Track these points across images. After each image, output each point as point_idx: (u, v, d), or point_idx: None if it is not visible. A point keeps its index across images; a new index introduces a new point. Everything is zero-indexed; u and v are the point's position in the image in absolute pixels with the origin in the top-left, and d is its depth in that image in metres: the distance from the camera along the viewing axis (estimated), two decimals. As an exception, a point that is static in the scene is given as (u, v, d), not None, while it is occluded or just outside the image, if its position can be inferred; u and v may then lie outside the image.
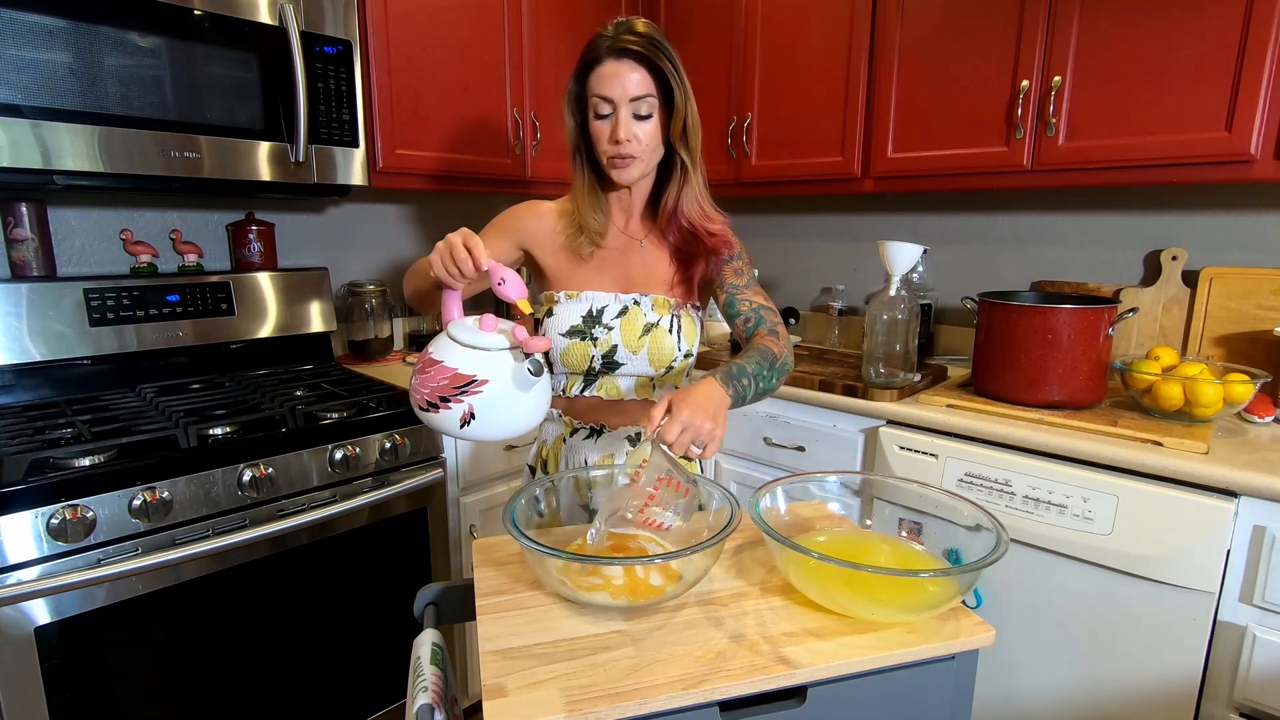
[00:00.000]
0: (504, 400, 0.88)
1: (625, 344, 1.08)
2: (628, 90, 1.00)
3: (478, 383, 0.86)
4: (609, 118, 1.02)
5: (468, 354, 0.87)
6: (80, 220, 1.62)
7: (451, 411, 0.86)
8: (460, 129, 1.86)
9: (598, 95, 1.01)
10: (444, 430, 0.90)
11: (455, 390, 0.86)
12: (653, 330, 1.08)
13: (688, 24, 2.16)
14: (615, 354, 1.09)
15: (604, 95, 1.01)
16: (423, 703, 0.71)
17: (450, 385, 0.86)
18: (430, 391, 0.87)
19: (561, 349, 1.08)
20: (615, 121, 1.01)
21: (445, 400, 0.86)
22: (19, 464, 1.13)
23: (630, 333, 1.08)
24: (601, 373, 1.11)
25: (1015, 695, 1.42)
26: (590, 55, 1.01)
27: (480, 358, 0.87)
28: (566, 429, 1.15)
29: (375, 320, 1.97)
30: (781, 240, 2.41)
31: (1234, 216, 1.59)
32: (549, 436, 1.18)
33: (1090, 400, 1.43)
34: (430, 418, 0.88)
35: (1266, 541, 1.13)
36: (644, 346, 1.08)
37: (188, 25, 1.37)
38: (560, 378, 1.15)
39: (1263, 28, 1.27)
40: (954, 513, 0.83)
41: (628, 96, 1.00)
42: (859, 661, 0.69)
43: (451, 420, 0.87)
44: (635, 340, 1.08)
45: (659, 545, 0.86)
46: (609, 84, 1.00)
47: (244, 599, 1.31)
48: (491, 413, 0.87)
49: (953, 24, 1.63)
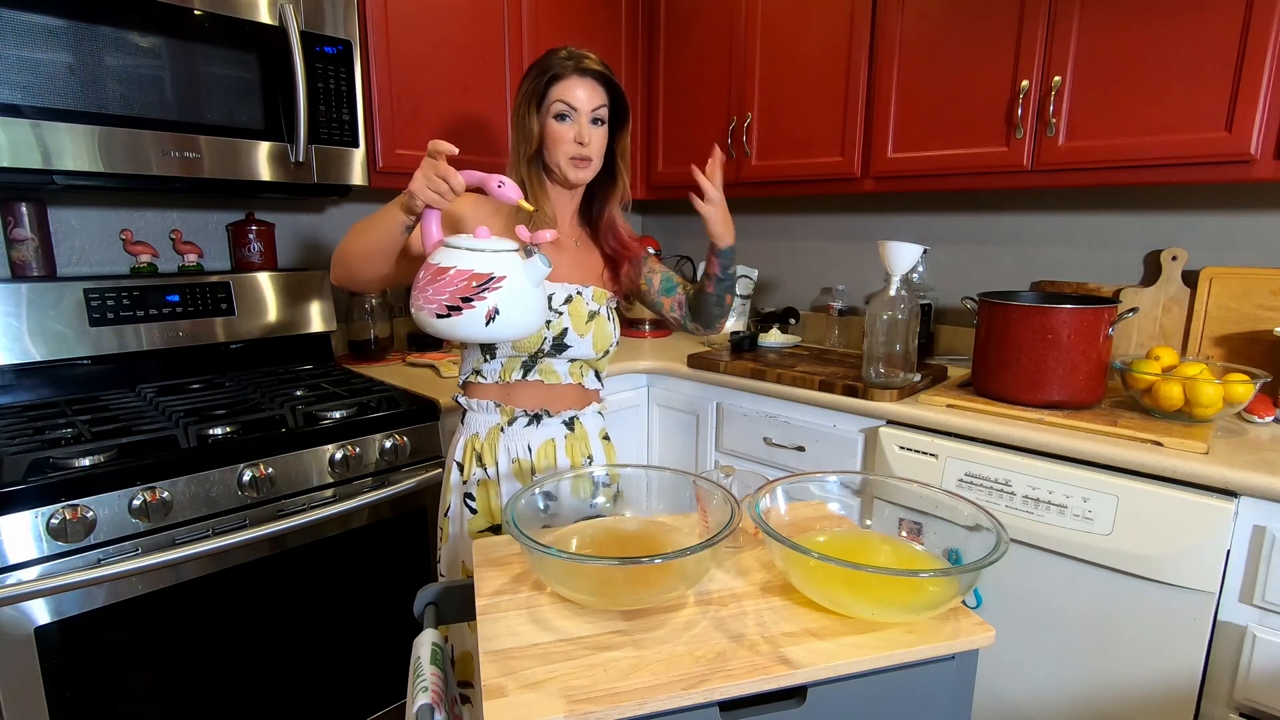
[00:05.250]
0: (522, 295, 0.92)
1: (574, 328, 1.18)
2: (590, 101, 1.14)
3: (496, 279, 0.90)
4: (570, 121, 1.14)
5: (480, 255, 0.91)
6: (80, 220, 1.62)
7: (475, 310, 0.89)
8: (460, 129, 1.86)
9: (562, 100, 1.13)
10: (465, 334, 0.92)
11: (477, 288, 0.89)
12: (596, 317, 1.20)
13: (688, 24, 2.16)
14: (565, 336, 1.17)
15: (568, 101, 1.13)
16: (423, 703, 0.71)
17: (470, 285, 0.89)
18: (450, 295, 0.89)
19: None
20: (578, 126, 1.13)
21: (468, 300, 0.89)
22: (19, 464, 1.13)
23: (578, 318, 1.18)
24: (547, 355, 1.18)
25: (1015, 695, 1.42)
26: (555, 71, 1.13)
27: (494, 257, 0.91)
28: (505, 417, 1.19)
29: (375, 320, 1.97)
30: (781, 240, 2.41)
31: (1234, 216, 1.59)
32: (481, 428, 1.20)
33: (1090, 400, 1.43)
34: (451, 322, 0.90)
35: (1266, 541, 1.13)
36: (589, 331, 1.19)
37: (188, 25, 1.37)
38: (497, 365, 1.18)
39: (1263, 28, 1.27)
40: (954, 513, 0.83)
41: (589, 105, 1.14)
42: (859, 661, 0.69)
43: (476, 320, 0.90)
44: (583, 325, 1.19)
45: (664, 545, 0.86)
46: (573, 94, 1.13)
47: (244, 599, 1.31)
48: (513, 307, 0.91)
49: (953, 24, 1.63)
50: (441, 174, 0.94)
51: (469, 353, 1.22)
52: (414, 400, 1.56)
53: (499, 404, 1.20)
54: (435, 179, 0.95)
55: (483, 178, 0.98)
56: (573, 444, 1.24)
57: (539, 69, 1.15)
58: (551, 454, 1.22)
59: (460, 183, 0.95)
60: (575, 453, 1.24)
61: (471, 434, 1.21)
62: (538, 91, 1.14)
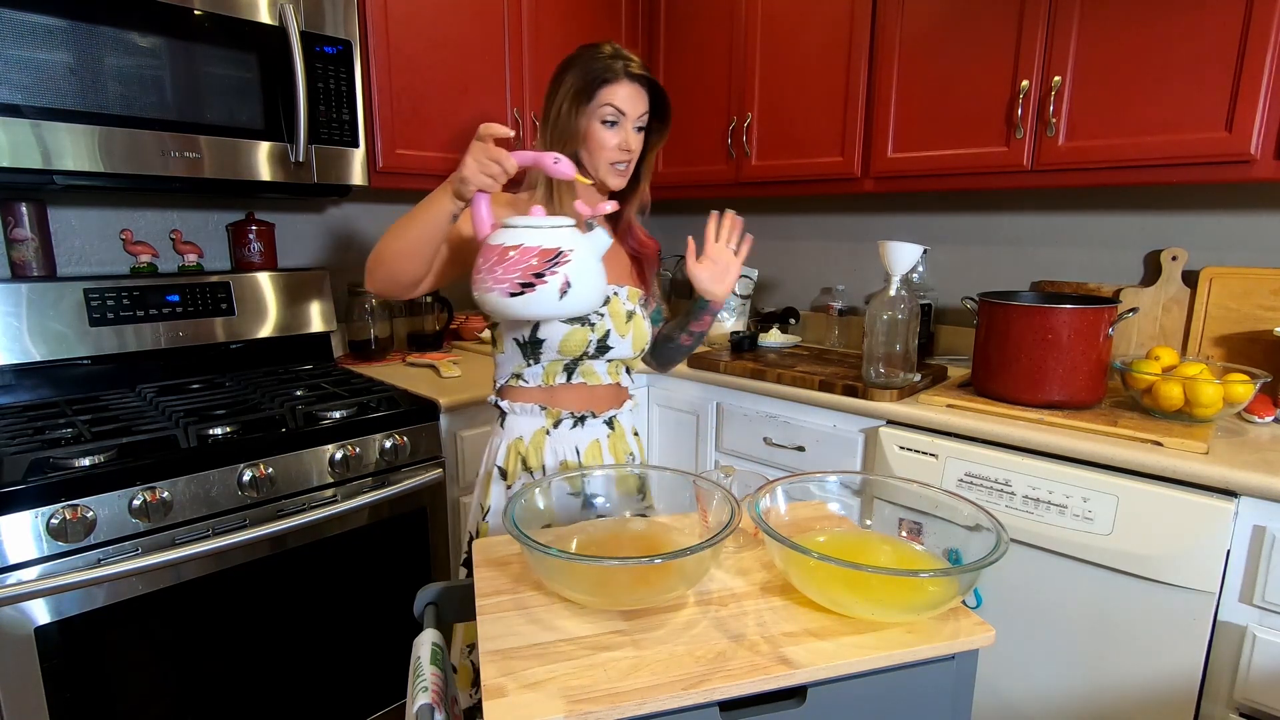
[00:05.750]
0: (590, 267, 0.94)
1: (616, 329, 1.16)
2: (636, 108, 1.12)
3: (565, 252, 0.92)
4: (617, 127, 1.12)
5: (546, 231, 0.92)
6: (80, 220, 1.62)
7: (548, 285, 0.90)
8: (460, 129, 1.86)
9: (612, 105, 1.11)
10: (538, 310, 0.93)
11: (548, 264, 0.90)
12: (633, 317, 1.19)
13: (688, 24, 2.16)
14: (608, 338, 1.16)
15: (619, 106, 1.11)
16: (423, 703, 0.71)
17: (541, 261, 0.90)
18: (521, 273, 0.90)
19: (563, 335, 1.12)
20: (625, 133, 1.12)
21: (540, 276, 0.90)
22: (19, 464, 1.13)
23: (618, 319, 1.17)
24: (590, 358, 1.17)
25: (1015, 695, 1.42)
26: (606, 74, 1.10)
27: (558, 233, 0.93)
28: (550, 420, 1.18)
29: (375, 320, 1.97)
30: (781, 240, 2.41)
31: (1234, 216, 1.59)
32: (525, 431, 1.18)
33: (1090, 400, 1.43)
34: (524, 300, 0.91)
35: (1266, 541, 1.13)
36: (629, 331, 1.18)
37: (188, 25, 1.37)
38: (539, 370, 1.16)
39: (1263, 28, 1.27)
40: (954, 513, 0.83)
41: (636, 112, 1.13)
42: (859, 661, 0.69)
43: (549, 294, 0.91)
44: (624, 325, 1.17)
45: (665, 544, 0.86)
46: (624, 99, 1.11)
47: (244, 599, 1.31)
48: (583, 279, 0.93)
49: (953, 24, 1.63)
50: (494, 156, 0.93)
51: (506, 357, 1.19)
52: (414, 400, 1.56)
53: (544, 407, 1.18)
54: (488, 162, 0.93)
55: (536, 156, 0.98)
56: (614, 443, 1.24)
57: (585, 68, 1.11)
58: (598, 454, 1.21)
59: (513, 164, 0.94)
60: (618, 451, 1.24)
61: (514, 438, 1.18)
62: (586, 92, 1.11)
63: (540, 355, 1.15)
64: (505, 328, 1.16)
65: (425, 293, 1.11)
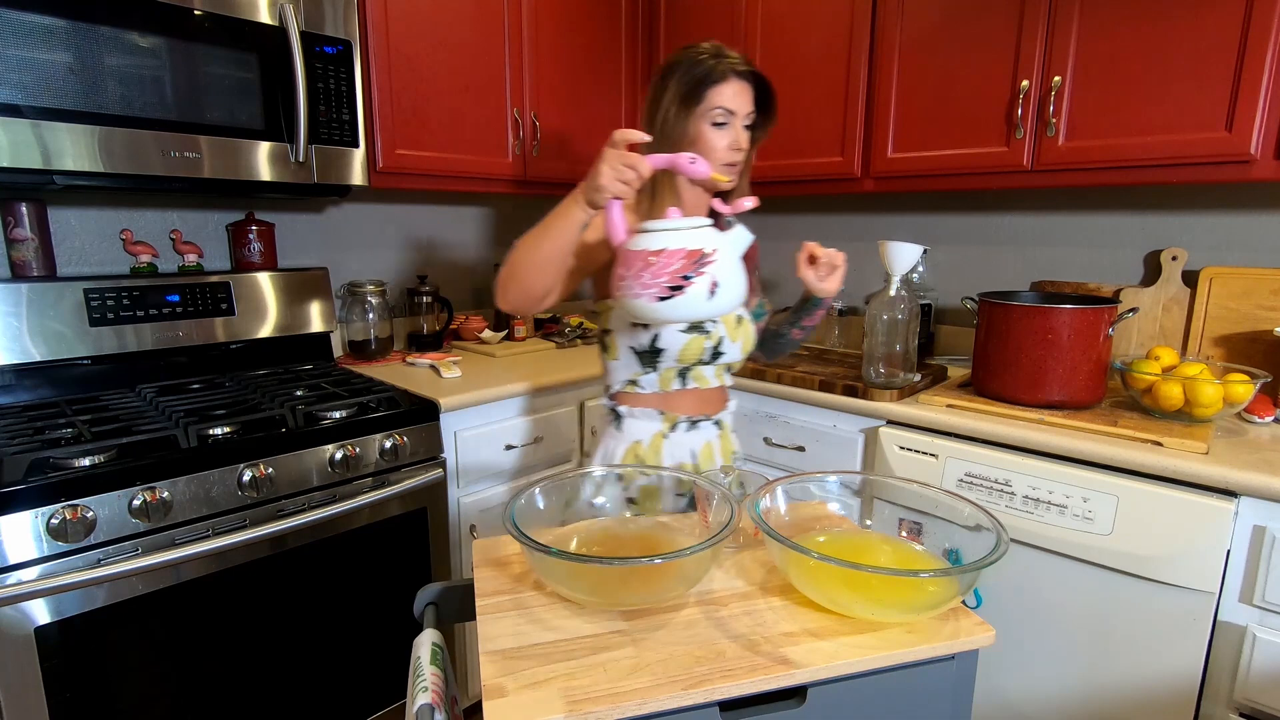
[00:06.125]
0: (734, 265, 0.94)
1: (728, 334, 1.18)
2: (744, 105, 1.11)
3: (709, 253, 0.91)
4: (726, 127, 1.11)
5: (690, 233, 0.92)
6: (80, 220, 1.62)
7: (697, 286, 0.90)
8: (460, 129, 1.86)
9: (722, 106, 1.10)
10: (687, 312, 0.92)
11: (696, 265, 0.90)
12: (741, 321, 1.20)
13: (688, 24, 2.16)
14: (721, 344, 1.17)
15: (728, 107, 1.10)
16: (423, 703, 0.71)
17: (690, 263, 0.90)
18: (670, 276, 0.90)
19: (682, 344, 1.13)
20: (734, 132, 1.12)
21: (688, 278, 0.90)
22: (19, 464, 1.13)
23: (730, 324, 1.18)
24: (704, 364, 1.18)
25: (1015, 695, 1.42)
26: (714, 74, 1.09)
27: (702, 233, 0.92)
28: (667, 424, 1.20)
29: (375, 320, 1.97)
30: (781, 240, 2.41)
31: (1234, 216, 1.59)
32: (643, 435, 1.19)
33: (1090, 400, 1.43)
34: (674, 303, 0.90)
35: (1266, 541, 1.13)
36: (740, 336, 1.20)
37: (188, 25, 1.37)
38: (655, 377, 1.18)
39: (1263, 28, 1.27)
40: (954, 513, 0.83)
41: (745, 110, 1.12)
42: (859, 661, 0.69)
43: (698, 295, 0.90)
44: (734, 330, 1.19)
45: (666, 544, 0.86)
46: (731, 98, 1.10)
47: (244, 599, 1.31)
48: (729, 278, 0.92)
49: (953, 24, 1.63)
50: (629, 162, 0.92)
51: (620, 364, 1.20)
52: (414, 400, 1.56)
53: (661, 412, 1.20)
54: (623, 168, 0.92)
55: (671, 159, 0.97)
56: (723, 442, 1.26)
57: (689, 70, 1.10)
58: (711, 456, 1.23)
59: (648, 168, 0.93)
60: (726, 451, 1.26)
61: (633, 441, 1.20)
62: (693, 95, 1.10)
63: (658, 363, 1.16)
64: (622, 336, 1.17)
65: (552, 304, 1.09)
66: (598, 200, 0.95)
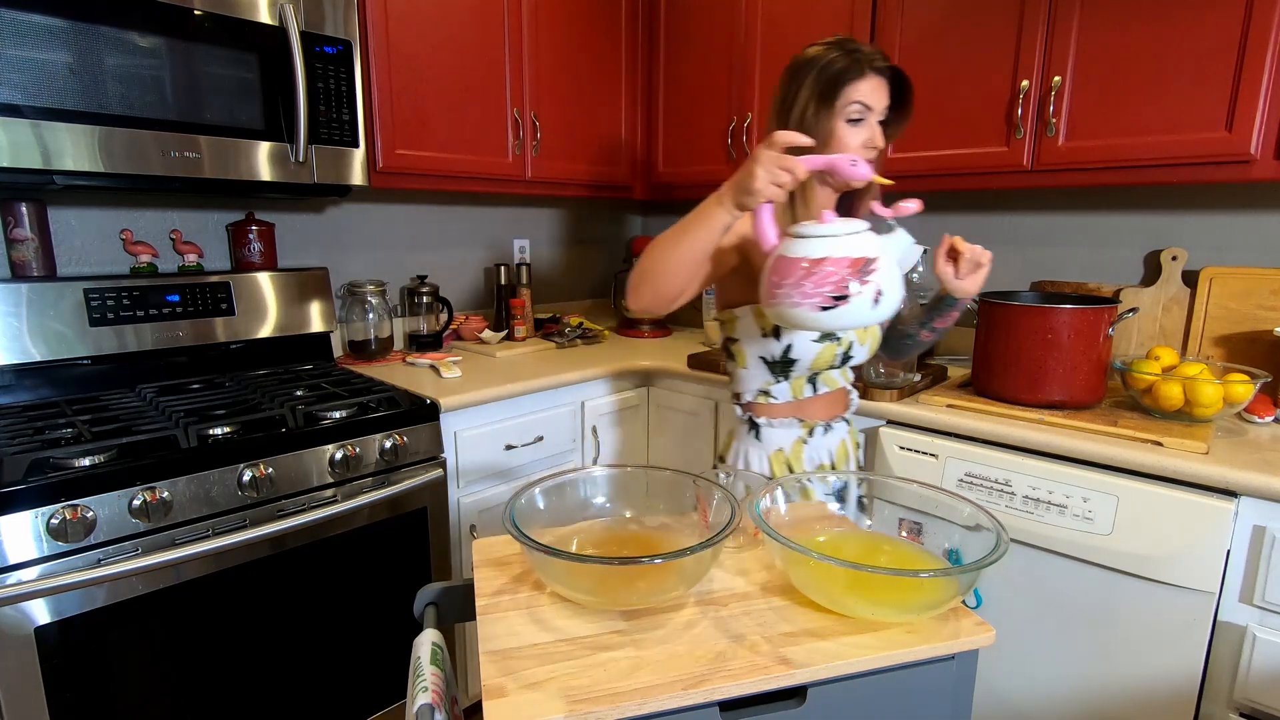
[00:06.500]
0: (894, 271, 0.89)
1: (858, 338, 1.18)
2: (880, 101, 1.09)
3: (873, 260, 0.87)
4: (862, 123, 1.09)
5: (853, 239, 0.87)
6: (80, 220, 1.62)
7: (863, 295, 0.86)
8: (460, 129, 1.86)
9: (860, 103, 1.08)
10: (851, 321, 0.87)
11: (860, 273, 0.86)
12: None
13: (688, 24, 2.16)
14: (851, 349, 1.17)
15: (866, 103, 1.08)
16: (423, 703, 0.71)
17: (854, 270, 0.86)
18: (834, 285, 0.86)
19: (815, 353, 1.14)
20: (871, 128, 1.10)
21: (853, 287, 0.86)
22: (19, 464, 1.13)
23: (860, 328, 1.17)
24: (835, 368, 1.19)
25: (1015, 695, 1.42)
26: (850, 71, 1.07)
27: (864, 239, 0.88)
28: (805, 430, 1.20)
29: (375, 320, 1.97)
30: (781, 240, 2.40)
31: (1234, 216, 1.59)
32: (784, 442, 1.20)
33: (1090, 400, 1.43)
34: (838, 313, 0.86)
35: (1266, 541, 1.13)
36: (868, 339, 1.20)
37: (188, 25, 1.37)
38: (786, 385, 1.18)
39: (1263, 28, 1.27)
40: (954, 513, 0.83)
41: (881, 105, 1.10)
42: (859, 661, 0.69)
43: (863, 304, 0.86)
44: (863, 333, 1.19)
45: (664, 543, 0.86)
46: (868, 94, 1.08)
47: (244, 599, 1.31)
48: (891, 285, 0.88)
49: (953, 24, 1.63)
50: (786, 165, 0.88)
51: (749, 374, 1.19)
52: (414, 400, 1.56)
53: (800, 419, 1.20)
54: (779, 171, 0.88)
55: (830, 160, 0.93)
56: (851, 436, 1.28)
57: (826, 67, 1.07)
58: (844, 455, 1.25)
59: (804, 171, 0.89)
60: (854, 445, 1.29)
61: (775, 449, 1.21)
62: (830, 92, 1.07)
63: (790, 372, 1.16)
64: (751, 345, 1.16)
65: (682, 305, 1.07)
66: (748, 204, 0.91)
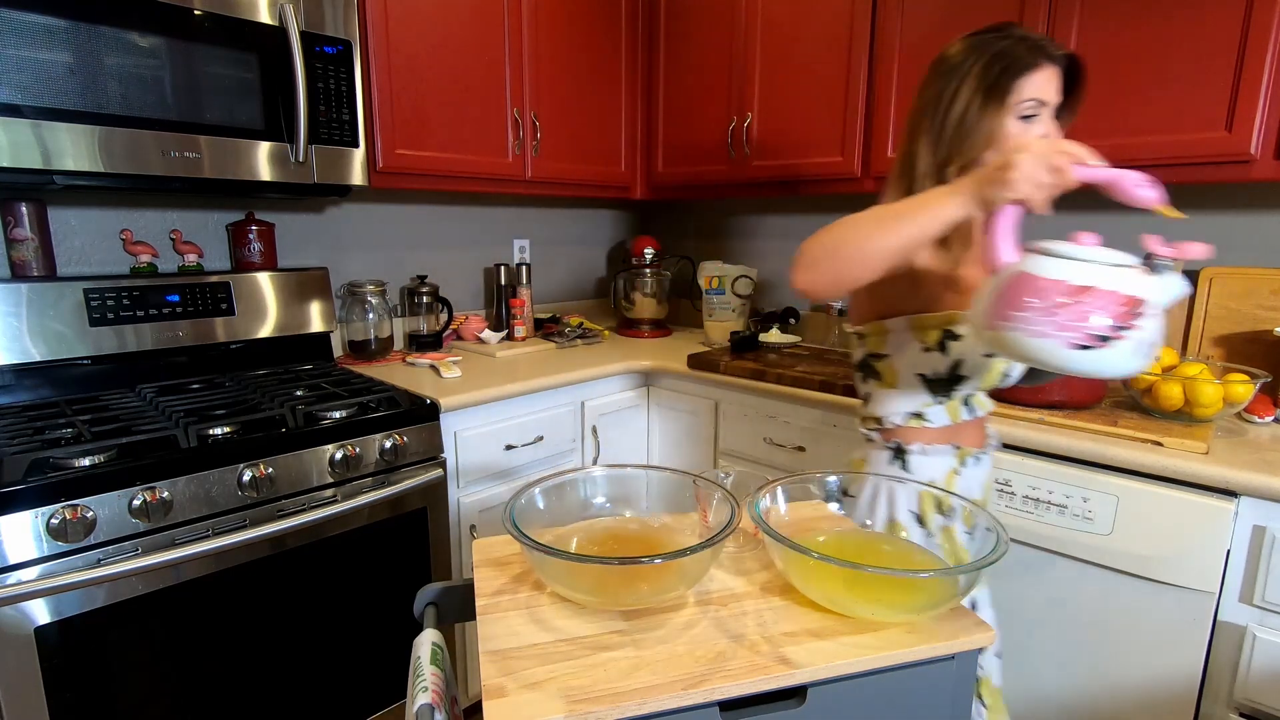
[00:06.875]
0: (1160, 319, 0.76)
1: None
2: (1054, 93, 0.97)
3: (1143, 303, 0.74)
4: (1035, 120, 0.97)
5: (1126, 275, 0.75)
6: (80, 220, 1.62)
7: (1128, 342, 0.73)
8: (460, 129, 1.86)
9: (1035, 99, 0.95)
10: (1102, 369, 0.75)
11: (1132, 316, 0.73)
12: None
13: (688, 24, 2.16)
14: (1012, 366, 1.04)
15: (1042, 99, 0.96)
16: (423, 703, 0.71)
17: (1127, 311, 0.73)
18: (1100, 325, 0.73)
19: (985, 369, 1.03)
20: (1046, 125, 0.97)
21: (1119, 330, 0.73)
22: (19, 464, 1.13)
23: None
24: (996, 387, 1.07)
25: (1015, 695, 1.42)
26: (1025, 63, 0.94)
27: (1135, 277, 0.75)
28: (958, 460, 1.06)
29: (375, 320, 1.97)
30: (781, 240, 2.40)
31: (1234, 216, 1.59)
32: (936, 473, 1.06)
33: (1090, 400, 1.43)
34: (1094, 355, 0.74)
35: (1266, 541, 1.13)
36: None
37: (188, 25, 1.37)
38: (941, 409, 1.05)
39: (1263, 28, 1.27)
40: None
41: (1054, 100, 0.97)
42: (859, 661, 0.69)
43: (1125, 353, 0.74)
44: None
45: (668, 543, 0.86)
46: (1041, 87, 0.95)
47: (244, 599, 1.31)
48: (1156, 333, 0.75)
49: (953, 24, 1.63)
50: (1058, 165, 0.76)
51: (902, 394, 1.05)
52: (414, 400, 1.56)
53: (957, 446, 1.06)
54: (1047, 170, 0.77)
55: (1112, 175, 0.79)
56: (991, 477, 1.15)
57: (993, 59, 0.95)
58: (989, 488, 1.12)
59: (1074, 179, 0.78)
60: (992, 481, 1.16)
61: (926, 480, 1.06)
62: (1000, 87, 0.94)
63: (953, 392, 1.03)
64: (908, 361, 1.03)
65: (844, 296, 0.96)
66: (997, 199, 0.79)
